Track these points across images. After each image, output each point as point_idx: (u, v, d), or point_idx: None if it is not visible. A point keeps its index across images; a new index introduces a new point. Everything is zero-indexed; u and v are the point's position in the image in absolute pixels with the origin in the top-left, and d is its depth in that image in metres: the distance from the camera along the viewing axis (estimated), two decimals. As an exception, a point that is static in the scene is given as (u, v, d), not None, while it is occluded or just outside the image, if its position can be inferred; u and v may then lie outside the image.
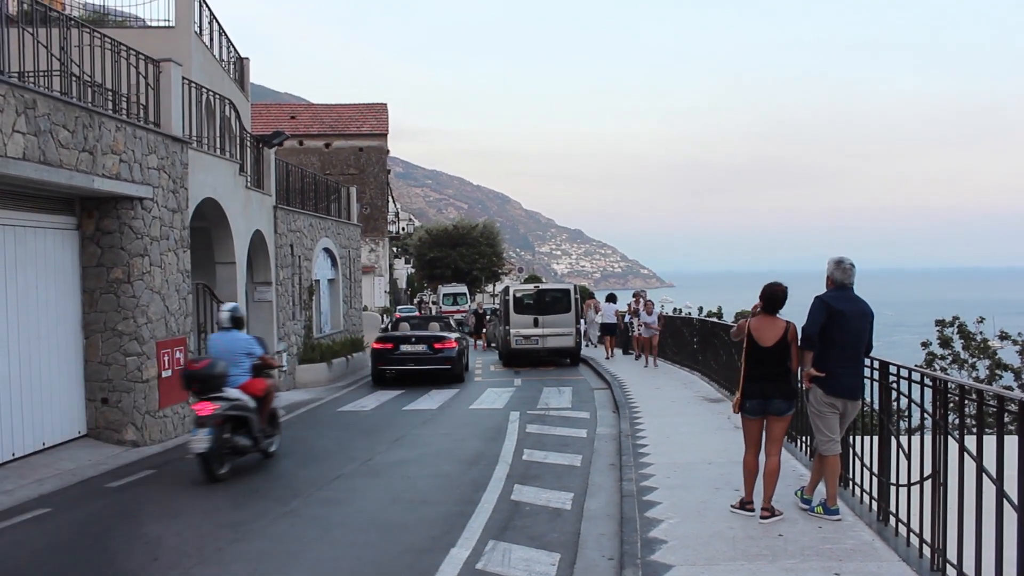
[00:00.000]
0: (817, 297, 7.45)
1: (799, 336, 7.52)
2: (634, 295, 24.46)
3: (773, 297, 7.68)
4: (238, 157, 18.29)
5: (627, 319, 25.85)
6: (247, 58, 24.11)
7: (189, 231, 14.53)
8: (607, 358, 24.84)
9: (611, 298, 27.34)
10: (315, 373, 21.68)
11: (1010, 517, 4.95)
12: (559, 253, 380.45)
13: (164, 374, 13.15)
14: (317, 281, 24.62)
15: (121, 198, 12.31)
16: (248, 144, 19.40)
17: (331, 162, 41.47)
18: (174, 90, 13.96)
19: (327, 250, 25.91)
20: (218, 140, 17.80)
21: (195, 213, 15.16)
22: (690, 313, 30.17)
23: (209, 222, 16.73)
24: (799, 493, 7.92)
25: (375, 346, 20.88)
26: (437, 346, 20.34)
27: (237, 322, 11.18)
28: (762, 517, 7.48)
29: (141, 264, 12.65)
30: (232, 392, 10.46)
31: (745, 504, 7.71)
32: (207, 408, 9.99)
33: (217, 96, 17.81)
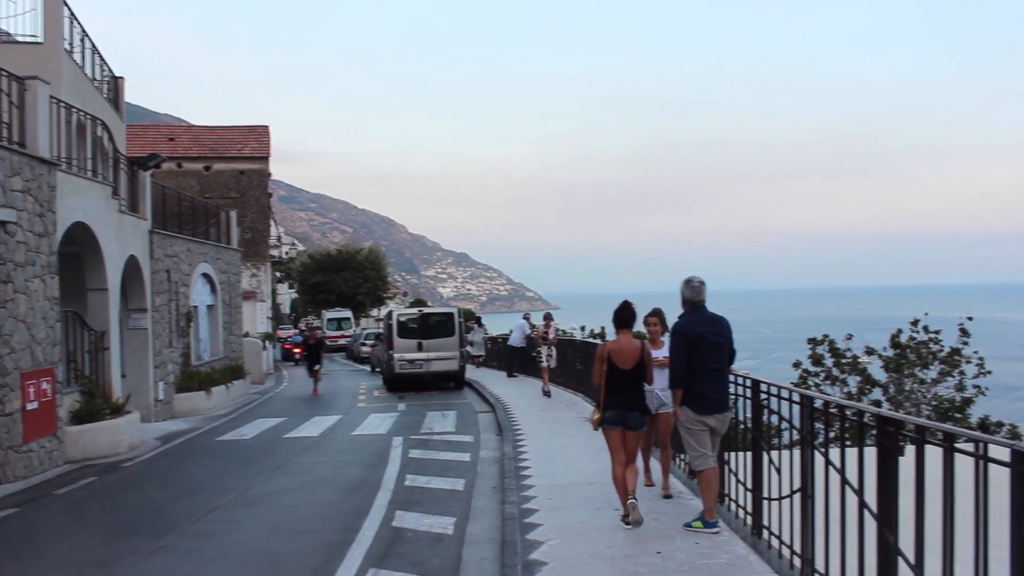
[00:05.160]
0: (673, 331, 7.72)
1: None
2: (544, 317, 22.12)
3: (623, 314, 8.27)
4: (111, 180, 17.70)
5: (518, 342, 25.85)
6: (122, 77, 23.43)
7: (57, 256, 13.98)
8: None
9: (477, 321, 33.22)
10: (193, 402, 21.13)
11: (871, 526, 5.16)
12: (445, 277, 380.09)
13: (29, 406, 12.55)
14: (195, 307, 24.01)
15: (-18, 222, 11.77)
16: (122, 166, 18.81)
17: (211, 185, 40.44)
18: (40, 109, 13.44)
19: (206, 275, 25.30)
20: (89, 162, 17.21)
21: (65, 238, 14.59)
22: (573, 334, 30.41)
23: (80, 247, 16.13)
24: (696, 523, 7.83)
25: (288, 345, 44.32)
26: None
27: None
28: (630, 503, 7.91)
29: (4, 291, 12.09)
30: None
31: (624, 517, 7.98)
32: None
33: (89, 116, 17.24)
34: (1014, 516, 3.93)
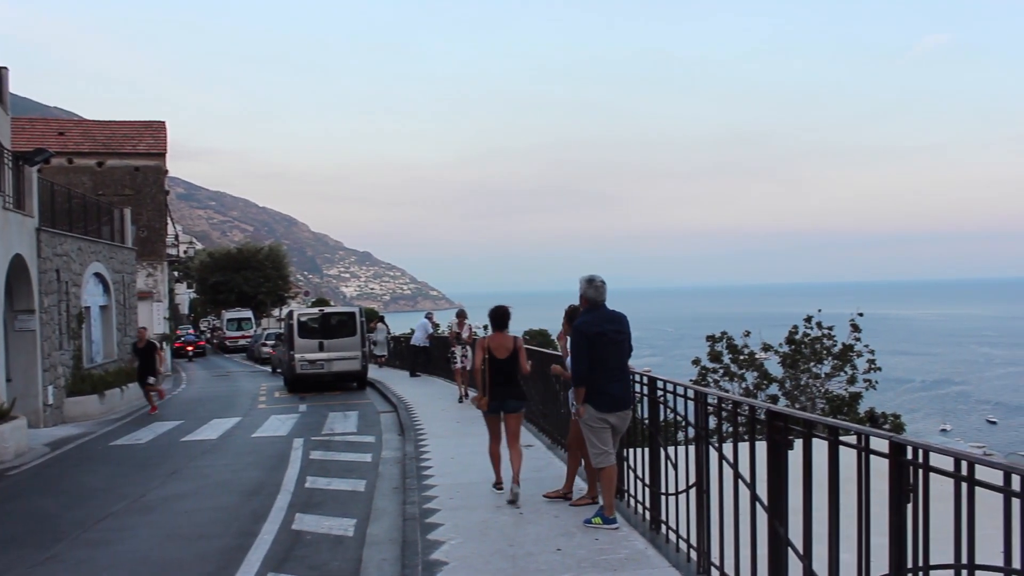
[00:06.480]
0: (574, 328, 7.78)
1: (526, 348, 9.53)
2: (458, 315, 20.73)
3: (500, 317, 9.22)
4: (-6, 176, 16.99)
5: (421, 342, 25.73)
6: (5, 67, 22.45)
7: (-64, 256, 13.37)
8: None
9: (380, 320, 33.67)
10: (86, 406, 20.44)
11: (763, 518, 5.31)
12: (348, 276, 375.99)
13: (-94, 413, 11.98)
14: (87, 308, 23.24)
15: None
16: (6, 161, 18.07)
17: (104, 182, 39.18)
18: (-83, 103, 12.83)
19: (98, 275, 24.51)
20: (-30, 157, 16.49)
21: (-57, 236, 13.96)
22: (476, 334, 30.43)
23: (-40, 246, 15.45)
24: (596, 520, 7.85)
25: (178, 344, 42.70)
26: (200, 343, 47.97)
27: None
28: (509, 487, 8.79)
29: None
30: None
31: (496, 484, 9.15)
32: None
33: (-31, 110, 16.52)
34: (892, 503, 4.10)
